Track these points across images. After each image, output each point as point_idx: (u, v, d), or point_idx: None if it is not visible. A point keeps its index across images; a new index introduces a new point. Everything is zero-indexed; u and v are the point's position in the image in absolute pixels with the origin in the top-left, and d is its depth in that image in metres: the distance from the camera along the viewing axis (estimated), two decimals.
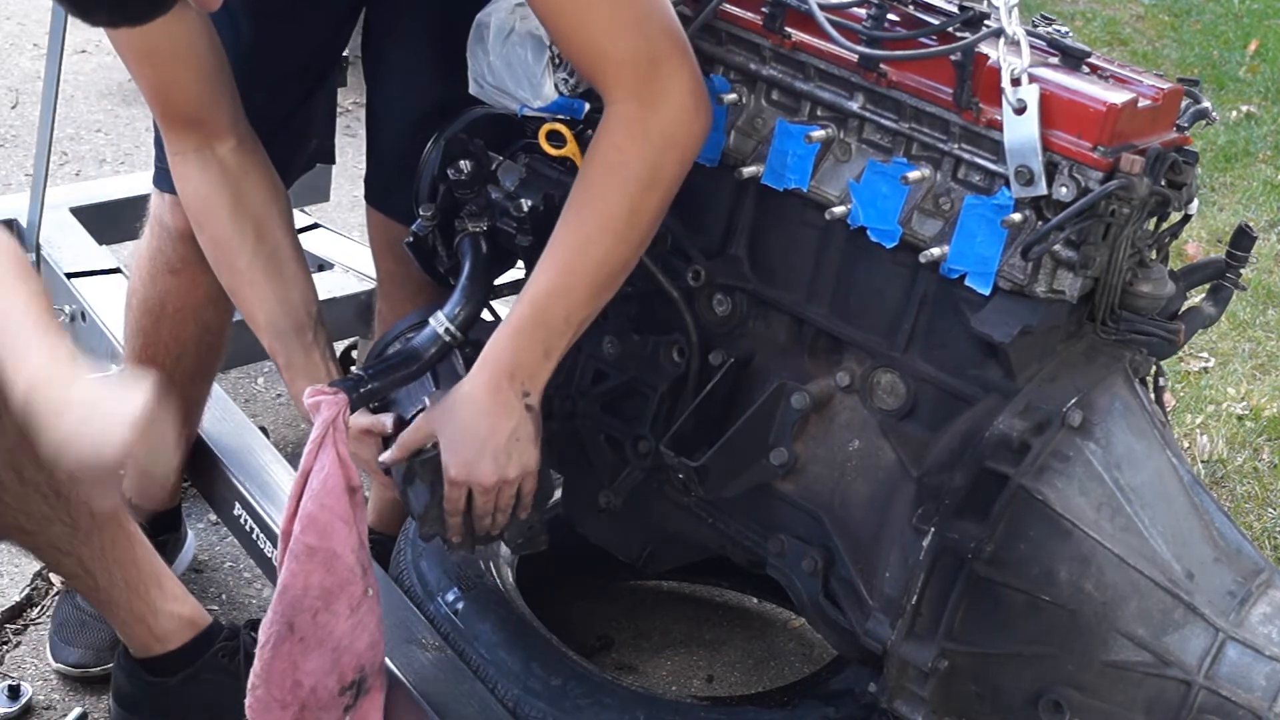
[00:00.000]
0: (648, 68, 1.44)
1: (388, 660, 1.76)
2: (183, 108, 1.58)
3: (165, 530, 2.16)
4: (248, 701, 1.53)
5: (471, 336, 1.59)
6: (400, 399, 1.61)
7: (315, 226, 2.91)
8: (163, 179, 1.80)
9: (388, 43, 1.90)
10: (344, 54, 2.26)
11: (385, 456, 1.54)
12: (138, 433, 1.32)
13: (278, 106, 1.79)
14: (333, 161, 2.13)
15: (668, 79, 1.45)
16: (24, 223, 2.63)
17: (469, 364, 1.56)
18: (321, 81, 1.92)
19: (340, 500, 1.47)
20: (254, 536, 2.02)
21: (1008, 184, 1.40)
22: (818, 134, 1.51)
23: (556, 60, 1.53)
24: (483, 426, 1.49)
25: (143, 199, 2.79)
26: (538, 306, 1.47)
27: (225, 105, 1.60)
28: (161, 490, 1.60)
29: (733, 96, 1.58)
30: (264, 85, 1.72)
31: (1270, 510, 2.74)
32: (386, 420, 1.59)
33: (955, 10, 1.48)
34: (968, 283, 1.44)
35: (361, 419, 1.59)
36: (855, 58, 1.47)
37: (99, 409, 1.34)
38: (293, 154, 1.89)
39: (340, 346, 2.77)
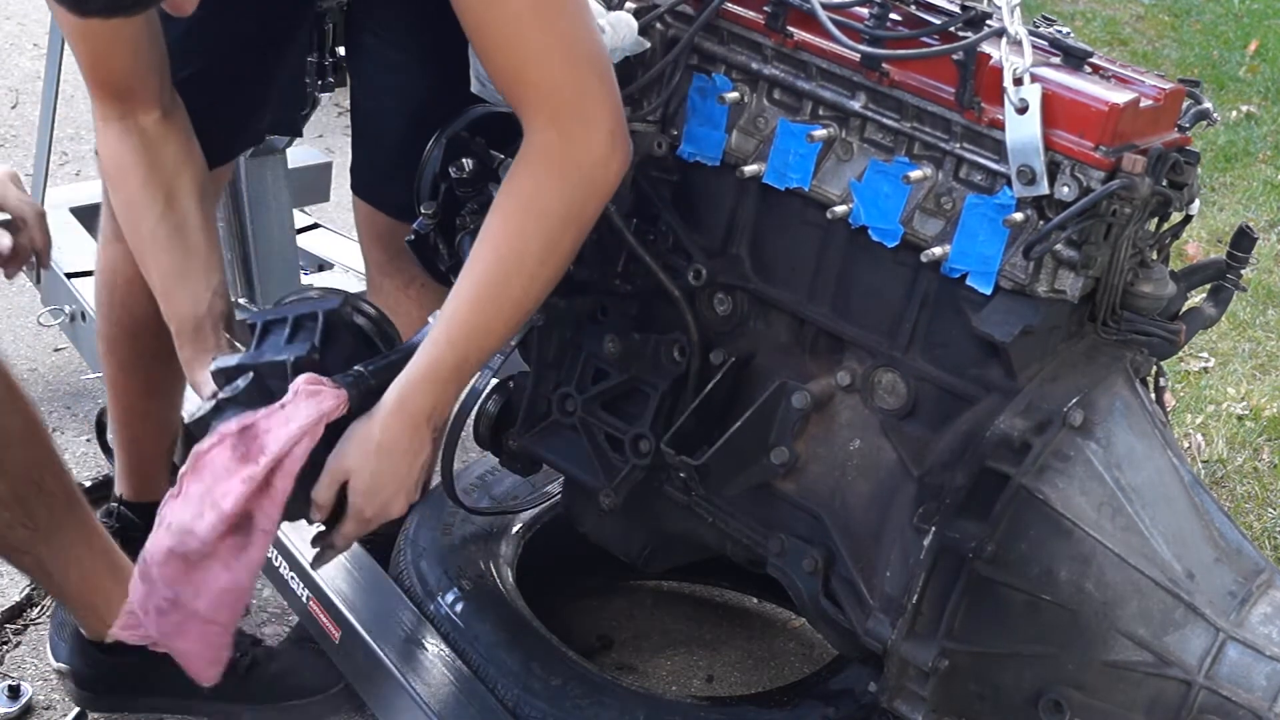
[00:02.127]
0: (573, 100, 1.43)
1: (386, 660, 1.76)
2: (112, 79, 1.61)
3: None
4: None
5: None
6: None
7: (315, 226, 2.91)
8: None
9: (368, 35, 1.91)
10: (339, 52, 2.28)
11: (318, 497, 1.50)
12: None
13: (216, 78, 1.80)
14: (297, 134, 2.13)
15: (591, 114, 1.44)
16: None
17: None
18: (274, 58, 1.92)
19: (290, 480, 1.47)
20: None
21: (1009, 183, 1.40)
22: (819, 133, 1.52)
23: None
24: (400, 468, 1.48)
25: None
26: (456, 349, 1.47)
27: (153, 80, 1.63)
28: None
29: (735, 95, 1.58)
30: (200, 56, 1.74)
31: (1270, 510, 2.74)
32: (208, 391, 1.58)
33: (957, 10, 1.48)
34: (969, 282, 1.44)
35: (201, 388, 1.59)
36: (857, 57, 1.47)
37: None
38: (234, 127, 1.89)
39: None
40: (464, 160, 1.63)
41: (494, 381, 1.76)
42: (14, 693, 1.96)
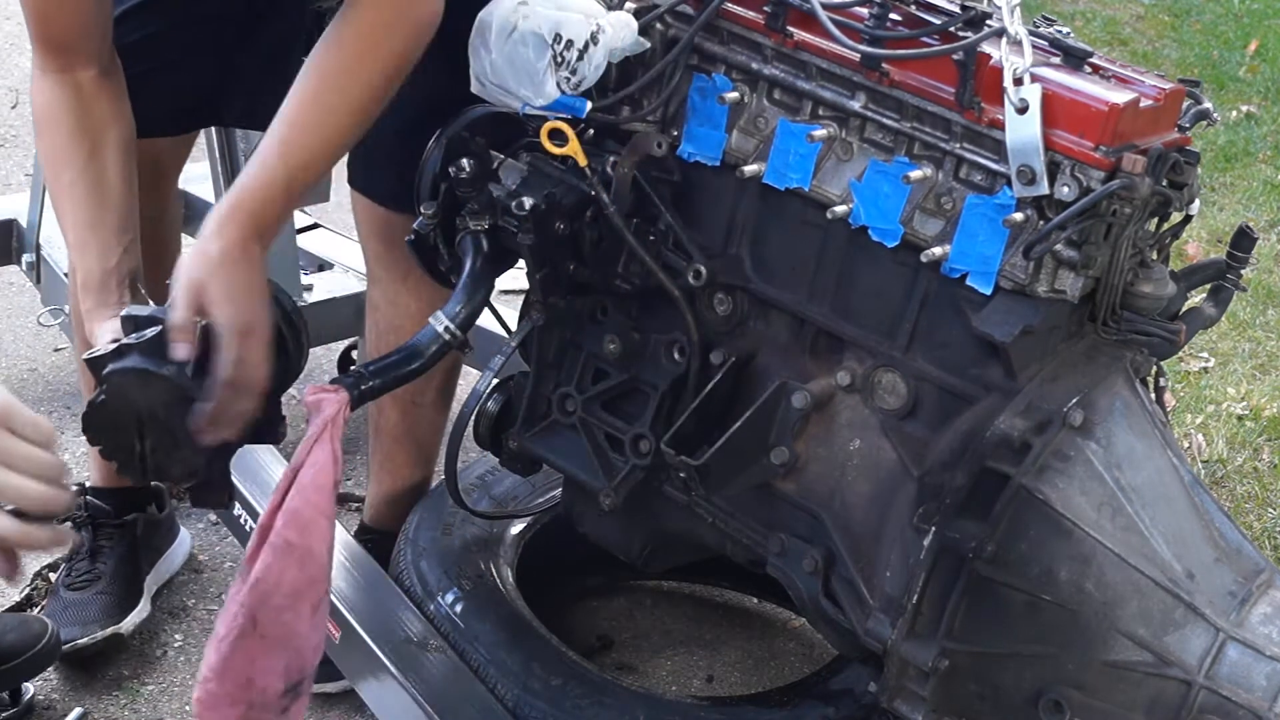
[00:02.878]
0: None
1: (385, 660, 1.76)
2: (55, 34, 1.65)
3: (132, 509, 2.16)
4: (196, 694, 1.50)
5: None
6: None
7: (315, 226, 2.91)
8: None
9: None
10: None
11: (176, 319, 1.44)
12: None
13: (161, 46, 1.84)
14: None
15: None
16: (24, 223, 2.63)
17: None
18: (233, 41, 1.95)
19: (327, 497, 1.46)
20: None
21: (1009, 183, 1.40)
22: (819, 133, 1.52)
23: (559, 59, 1.54)
24: (250, 273, 1.47)
25: None
26: (290, 164, 1.50)
27: (95, 39, 1.66)
28: None
29: (735, 95, 1.58)
30: (153, 24, 1.82)
31: (1270, 510, 2.74)
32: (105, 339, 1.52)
33: (957, 10, 1.49)
34: (969, 282, 1.44)
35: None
36: (857, 57, 1.47)
37: None
38: (174, 99, 1.92)
39: (340, 346, 2.77)
40: (464, 160, 1.62)
41: (494, 381, 1.77)
42: (15, 692, 1.96)
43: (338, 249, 2.82)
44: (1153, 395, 1.55)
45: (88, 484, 2.17)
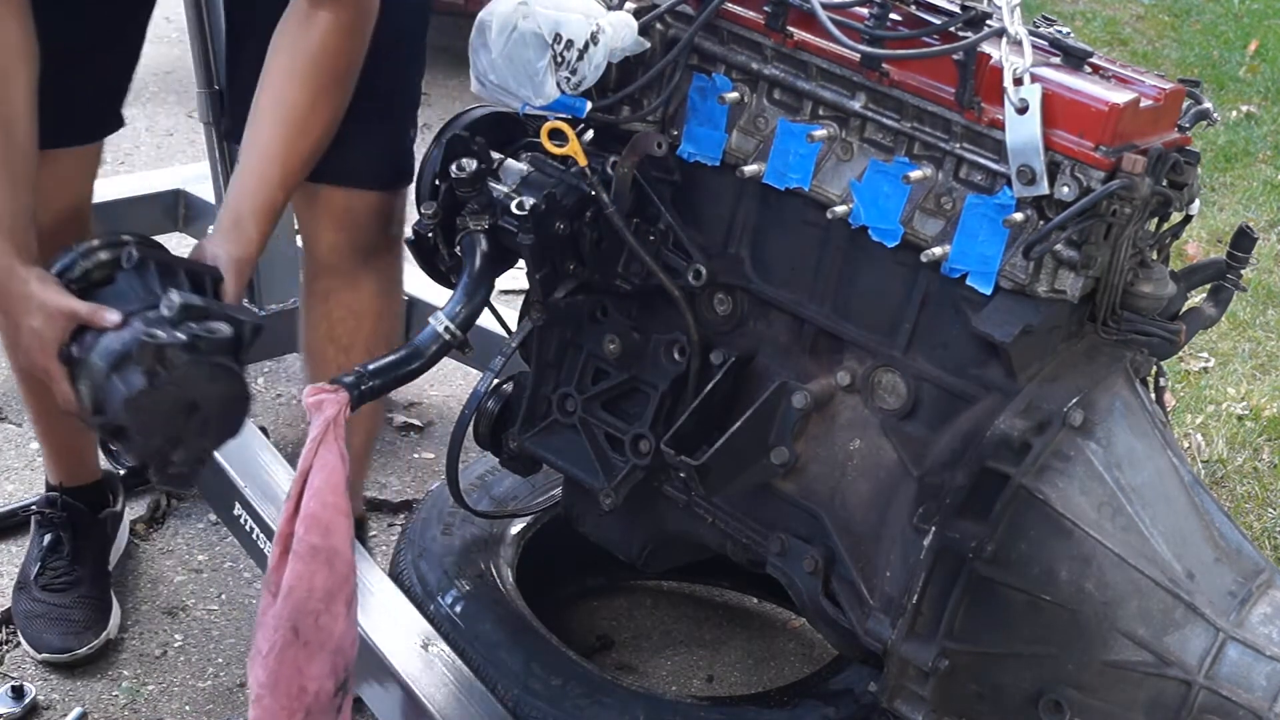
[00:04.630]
0: None
1: (389, 660, 1.76)
2: None
3: (102, 505, 2.17)
4: (252, 713, 1.52)
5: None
6: (108, 296, 1.54)
7: None
8: None
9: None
10: None
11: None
12: None
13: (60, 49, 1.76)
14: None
15: None
16: None
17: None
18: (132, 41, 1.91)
19: (342, 496, 1.47)
20: (254, 536, 2.02)
21: (1009, 183, 1.40)
22: (820, 133, 1.52)
23: (559, 59, 1.54)
24: None
25: (143, 199, 2.81)
26: (287, 191, 1.66)
27: None
28: None
29: (735, 95, 1.58)
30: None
31: (1270, 510, 2.74)
32: (114, 316, 1.51)
33: (957, 10, 1.49)
34: (969, 282, 1.44)
35: (78, 306, 1.52)
36: (857, 57, 1.47)
37: None
38: (74, 108, 1.84)
39: None
40: (464, 160, 1.62)
41: (494, 381, 1.77)
42: (18, 693, 1.96)
43: None
44: (1153, 395, 1.55)
45: (59, 485, 2.16)
